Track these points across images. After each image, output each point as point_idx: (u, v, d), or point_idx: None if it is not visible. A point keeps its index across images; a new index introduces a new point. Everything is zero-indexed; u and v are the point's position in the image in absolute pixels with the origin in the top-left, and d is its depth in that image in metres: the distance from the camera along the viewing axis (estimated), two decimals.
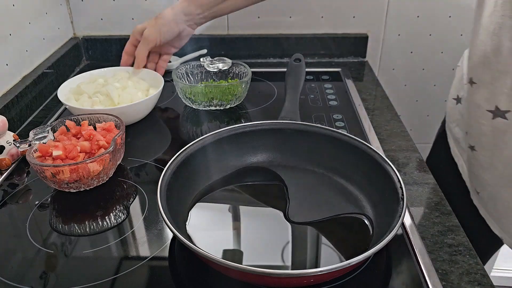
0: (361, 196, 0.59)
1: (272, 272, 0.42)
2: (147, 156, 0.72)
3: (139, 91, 0.82)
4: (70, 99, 0.79)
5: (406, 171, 0.68)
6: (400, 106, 1.09)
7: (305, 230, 0.55)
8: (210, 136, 0.62)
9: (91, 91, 0.80)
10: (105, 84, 0.82)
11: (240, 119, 0.83)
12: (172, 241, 0.54)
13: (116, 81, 0.83)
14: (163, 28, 0.84)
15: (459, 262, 0.51)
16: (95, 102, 0.78)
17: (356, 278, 0.49)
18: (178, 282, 0.50)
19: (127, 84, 0.82)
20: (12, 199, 0.63)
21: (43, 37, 0.98)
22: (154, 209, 0.60)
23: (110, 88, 0.79)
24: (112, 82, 0.82)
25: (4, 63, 0.84)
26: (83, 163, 0.59)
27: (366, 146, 0.60)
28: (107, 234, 0.56)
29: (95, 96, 0.79)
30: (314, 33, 1.12)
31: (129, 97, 0.79)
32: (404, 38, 1.13)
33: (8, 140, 0.69)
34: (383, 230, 0.49)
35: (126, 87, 0.81)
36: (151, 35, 0.84)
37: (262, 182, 0.64)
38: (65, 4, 1.08)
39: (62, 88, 0.81)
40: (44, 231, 0.57)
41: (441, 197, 0.63)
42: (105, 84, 0.82)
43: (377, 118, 0.83)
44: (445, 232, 0.56)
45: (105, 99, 0.78)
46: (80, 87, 0.81)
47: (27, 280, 0.50)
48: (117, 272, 0.50)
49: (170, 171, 0.55)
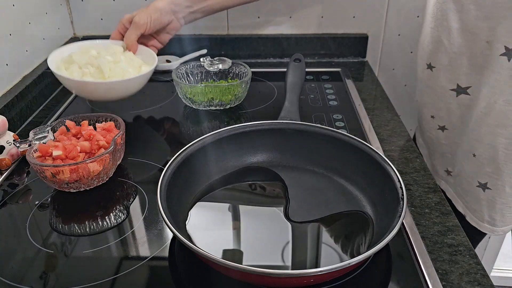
0: (361, 196, 0.59)
1: (272, 272, 0.42)
2: (147, 156, 0.72)
3: (131, 67, 0.80)
4: (60, 68, 0.77)
5: (406, 171, 0.68)
6: (400, 106, 1.09)
7: (305, 230, 0.55)
8: (210, 136, 0.62)
9: (83, 62, 0.78)
10: (98, 57, 0.79)
11: (240, 119, 0.83)
12: (172, 241, 0.54)
13: (109, 54, 0.80)
14: (153, 15, 0.84)
15: (459, 262, 0.51)
16: (85, 73, 0.76)
17: (356, 278, 0.49)
18: (178, 282, 0.50)
19: (119, 58, 0.80)
20: (12, 199, 0.63)
21: (43, 37, 0.98)
22: (154, 209, 0.60)
23: (101, 61, 0.77)
24: (104, 55, 0.80)
25: (4, 63, 0.84)
26: (83, 163, 0.59)
27: (366, 146, 0.60)
28: (107, 234, 0.56)
29: (85, 67, 0.77)
30: (314, 33, 1.12)
31: (120, 72, 0.77)
32: (404, 38, 1.13)
33: (8, 140, 0.69)
34: (383, 230, 0.49)
35: (119, 61, 0.79)
36: (142, 19, 0.84)
37: (262, 182, 0.64)
38: (65, 4, 1.08)
39: (54, 56, 0.78)
40: (44, 231, 0.57)
41: (441, 197, 0.63)
42: (98, 56, 0.80)
43: (377, 118, 0.83)
44: (445, 232, 0.56)
45: (96, 72, 0.76)
46: (71, 57, 0.79)
47: (27, 280, 0.50)
48: (117, 272, 0.50)
49: (170, 171, 0.55)
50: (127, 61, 0.81)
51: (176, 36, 1.11)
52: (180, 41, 1.11)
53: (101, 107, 0.89)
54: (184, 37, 1.11)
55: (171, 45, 1.12)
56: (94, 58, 0.79)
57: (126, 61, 0.81)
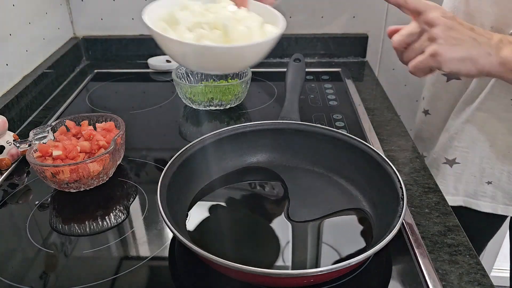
0: (361, 196, 0.59)
1: (272, 272, 0.42)
2: (147, 156, 0.72)
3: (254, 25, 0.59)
4: (166, 30, 0.57)
5: (406, 171, 0.68)
6: (400, 106, 1.09)
7: (305, 229, 0.55)
8: (210, 136, 0.62)
9: (190, 22, 0.57)
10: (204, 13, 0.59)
11: (240, 119, 0.83)
12: (172, 241, 0.54)
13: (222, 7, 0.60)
14: None
15: (459, 262, 0.51)
16: (203, 35, 0.56)
17: (356, 278, 0.49)
18: (178, 282, 0.50)
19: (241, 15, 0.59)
20: (12, 199, 0.63)
21: (43, 37, 0.98)
22: (154, 209, 0.60)
23: (223, 16, 0.57)
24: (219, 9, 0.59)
25: (4, 63, 0.84)
26: (83, 163, 0.59)
27: (366, 146, 0.60)
28: (107, 234, 0.56)
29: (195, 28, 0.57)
30: (314, 33, 1.12)
31: (246, 32, 0.57)
32: None
33: (8, 140, 0.69)
34: (383, 230, 0.49)
35: (240, 19, 0.58)
36: None
37: (262, 182, 0.64)
38: (65, 4, 1.08)
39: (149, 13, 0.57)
40: (44, 231, 0.57)
41: (441, 197, 0.63)
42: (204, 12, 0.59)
43: (377, 118, 0.83)
44: (445, 232, 0.56)
45: (213, 34, 0.56)
46: (173, 15, 0.58)
47: (27, 280, 0.50)
48: (117, 272, 0.50)
49: (170, 171, 0.55)
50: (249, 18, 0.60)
51: None
52: None
53: (101, 107, 0.89)
54: None
55: None
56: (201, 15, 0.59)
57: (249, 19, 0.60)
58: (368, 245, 0.52)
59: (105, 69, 1.08)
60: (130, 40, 1.11)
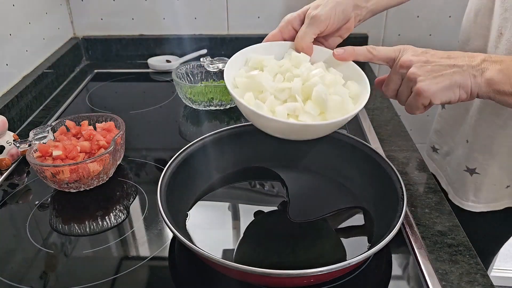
0: (361, 196, 0.59)
1: (272, 272, 0.42)
2: (147, 156, 0.72)
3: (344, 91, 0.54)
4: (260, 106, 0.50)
5: (406, 171, 0.68)
6: (400, 106, 1.09)
7: (305, 229, 0.55)
8: (210, 136, 0.62)
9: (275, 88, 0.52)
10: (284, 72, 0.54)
11: (240, 119, 0.83)
12: (172, 241, 0.54)
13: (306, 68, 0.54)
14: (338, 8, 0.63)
15: (459, 262, 0.51)
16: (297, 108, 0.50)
17: (356, 278, 0.49)
18: (178, 282, 0.50)
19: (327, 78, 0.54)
20: (12, 199, 0.63)
21: (43, 37, 0.98)
22: (154, 209, 0.60)
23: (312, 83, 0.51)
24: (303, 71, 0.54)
25: (4, 63, 0.84)
26: (83, 163, 0.59)
27: (366, 146, 0.60)
28: (107, 234, 0.56)
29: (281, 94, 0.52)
30: None
31: (339, 101, 0.51)
32: (404, 38, 1.12)
33: (8, 140, 0.69)
34: (383, 230, 0.49)
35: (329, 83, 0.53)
36: (324, 13, 0.60)
37: (262, 182, 0.64)
38: (65, 4, 1.08)
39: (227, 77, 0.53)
40: (44, 231, 0.57)
41: (441, 197, 0.63)
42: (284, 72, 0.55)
43: (377, 118, 0.83)
44: (445, 232, 0.56)
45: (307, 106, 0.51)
46: (254, 79, 0.53)
47: (27, 280, 0.50)
48: (117, 272, 0.50)
49: (170, 171, 0.55)
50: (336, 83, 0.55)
51: (176, 36, 1.11)
52: (180, 41, 1.11)
53: (101, 107, 0.89)
54: (184, 37, 1.11)
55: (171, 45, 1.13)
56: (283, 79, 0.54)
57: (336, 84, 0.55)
58: (368, 245, 0.52)
59: (105, 69, 1.08)
60: (130, 40, 1.12)
